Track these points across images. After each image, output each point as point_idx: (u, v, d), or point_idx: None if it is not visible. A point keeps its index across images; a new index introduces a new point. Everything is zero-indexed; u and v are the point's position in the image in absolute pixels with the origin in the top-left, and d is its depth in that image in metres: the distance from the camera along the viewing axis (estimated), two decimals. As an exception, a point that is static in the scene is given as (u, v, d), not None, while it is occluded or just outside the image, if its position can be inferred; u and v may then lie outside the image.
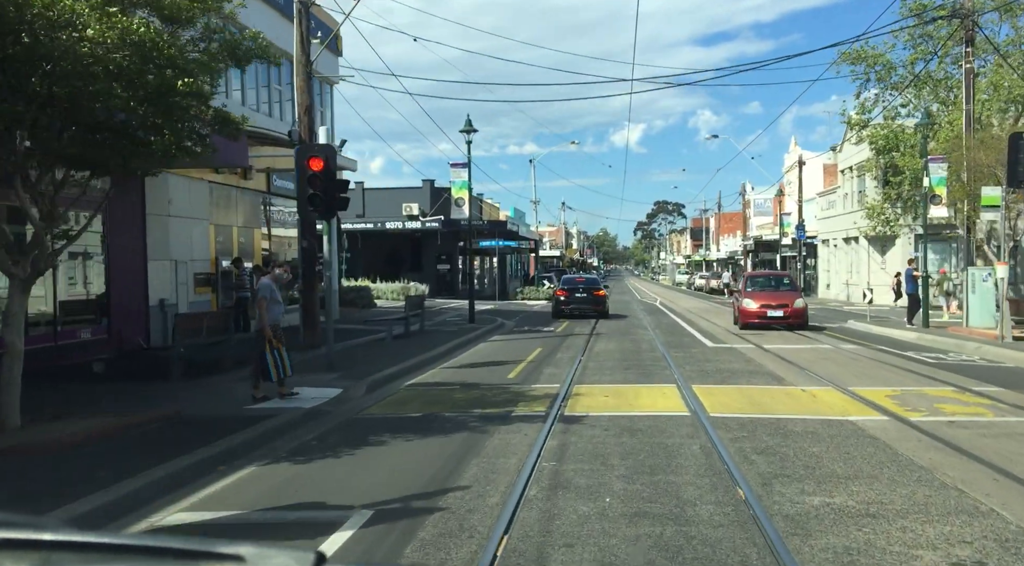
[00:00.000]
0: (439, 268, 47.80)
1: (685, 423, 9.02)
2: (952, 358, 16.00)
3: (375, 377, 12.67)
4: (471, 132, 26.31)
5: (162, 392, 11.21)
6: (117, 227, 15.87)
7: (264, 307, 10.65)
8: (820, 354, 16.66)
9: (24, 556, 0.92)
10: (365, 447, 7.97)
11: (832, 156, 53.11)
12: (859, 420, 9.16)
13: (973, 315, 22.69)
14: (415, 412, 9.99)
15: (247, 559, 0.91)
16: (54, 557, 0.92)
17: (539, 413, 9.70)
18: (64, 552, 0.93)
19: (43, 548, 0.93)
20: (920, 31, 35.55)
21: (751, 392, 11.41)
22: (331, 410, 10.06)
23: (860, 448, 7.73)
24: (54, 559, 0.92)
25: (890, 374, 13.43)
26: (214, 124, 9.92)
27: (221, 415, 9.45)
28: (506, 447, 7.85)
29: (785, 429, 8.64)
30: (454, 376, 13.60)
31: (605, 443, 7.98)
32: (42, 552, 0.93)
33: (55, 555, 0.92)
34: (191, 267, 18.54)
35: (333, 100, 28.67)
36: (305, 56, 17.37)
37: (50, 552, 0.93)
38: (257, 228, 22.46)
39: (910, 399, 10.67)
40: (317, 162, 12.90)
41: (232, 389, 11.53)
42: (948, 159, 24.63)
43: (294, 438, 8.57)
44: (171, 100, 8.19)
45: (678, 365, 14.75)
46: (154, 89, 8.04)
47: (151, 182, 17.10)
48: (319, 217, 13.56)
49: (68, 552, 0.93)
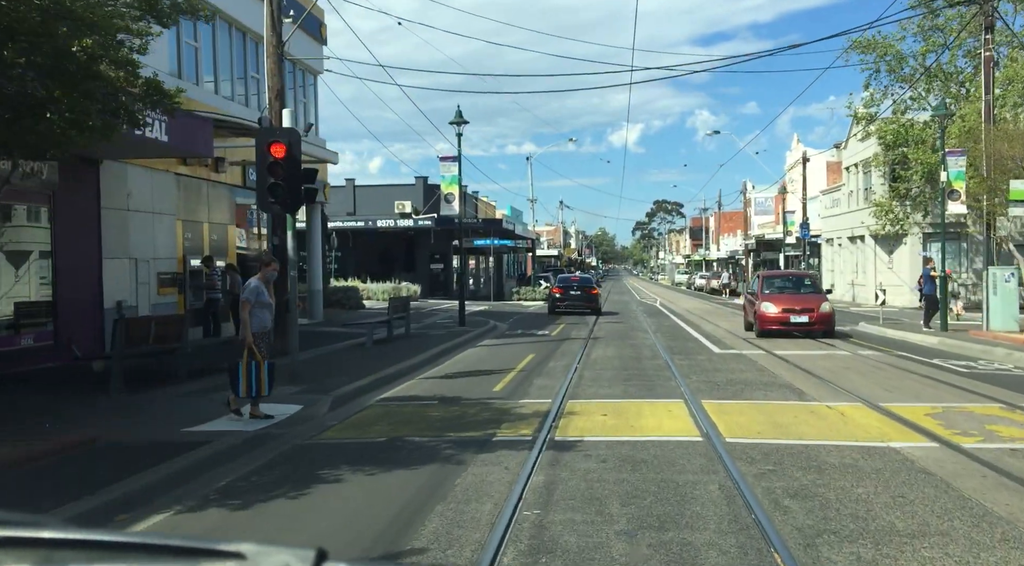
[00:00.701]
0: (432, 268, 46.32)
1: (698, 452, 7.59)
2: (984, 367, 14.57)
3: (343, 390, 11.22)
4: (461, 124, 24.84)
5: (95, 409, 9.76)
6: (66, 221, 14.41)
7: (248, 311, 9.18)
8: (838, 362, 15.22)
9: (25, 554, 0.92)
10: (311, 486, 6.50)
11: (836, 153, 51.70)
12: (903, 448, 7.73)
13: (994, 318, 21.30)
14: (380, 436, 8.54)
15: (248, 556, 0.91)
16: (55, 555, 0.92)
17: (525, 438, 8.26)
18: (65, 550, 0.92)
19: (44, 546, 0.92)
20: (931, 23, 34.21)
21: (770, 409, 9.97)
22: (282, 433, 8.61)
23: (915, 488, 6.29)
24: (55, 557, 0.92)
25: (922, 387, 12.00)
26: (145, 98, 8.47)
27: (152, 440, 8.02)
28: (481, 486, 6.41)
29: (818, 461, 7.21)
30: (433, 388, 12.16)
31: (602, 480, 6.55)
32: (43, 550, 0.92)
33: (56, 553, 0.92)
34: (154, 266, 17.07)
35: (317, 91, 27.19)
36: (276, 36, 15.91)
37: (51, 550, 0.92)
38: (231, 225, 20.99)
39: (955, 419, 9.24)
40: (279, 148, 11.45)
41: (178, 406, 10.09)
42: (968, 152, 23.23)
43: (230, 471, 7.13)
44: (67, 65, 6.71)
45: (684, 375, 13.32)
46: (50, 50, 6.59)
47: (108, 173, 15.67)
48: (281, 210, 12.08)
49: (69, 550, 0.92)
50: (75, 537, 0.93)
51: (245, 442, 8.07)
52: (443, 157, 25.51)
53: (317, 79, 27.09)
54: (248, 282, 9.69)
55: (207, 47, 19.90)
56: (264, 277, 9.60)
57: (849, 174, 43.12)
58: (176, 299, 18.02)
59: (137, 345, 11.49)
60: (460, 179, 25.14)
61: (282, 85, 16.12)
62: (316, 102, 27.04)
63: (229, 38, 21.01)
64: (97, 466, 6.98)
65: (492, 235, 46.39)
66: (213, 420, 9.13)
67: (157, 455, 7.26)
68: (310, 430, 8.90)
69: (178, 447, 7.62)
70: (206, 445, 7.70)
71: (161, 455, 7.27)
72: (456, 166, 25.11)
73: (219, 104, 19.42)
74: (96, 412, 9.56)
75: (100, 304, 15.39)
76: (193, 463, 7.04)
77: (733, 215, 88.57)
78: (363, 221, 43.84)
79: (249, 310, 9.22)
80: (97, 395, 10.62)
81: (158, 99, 8.53)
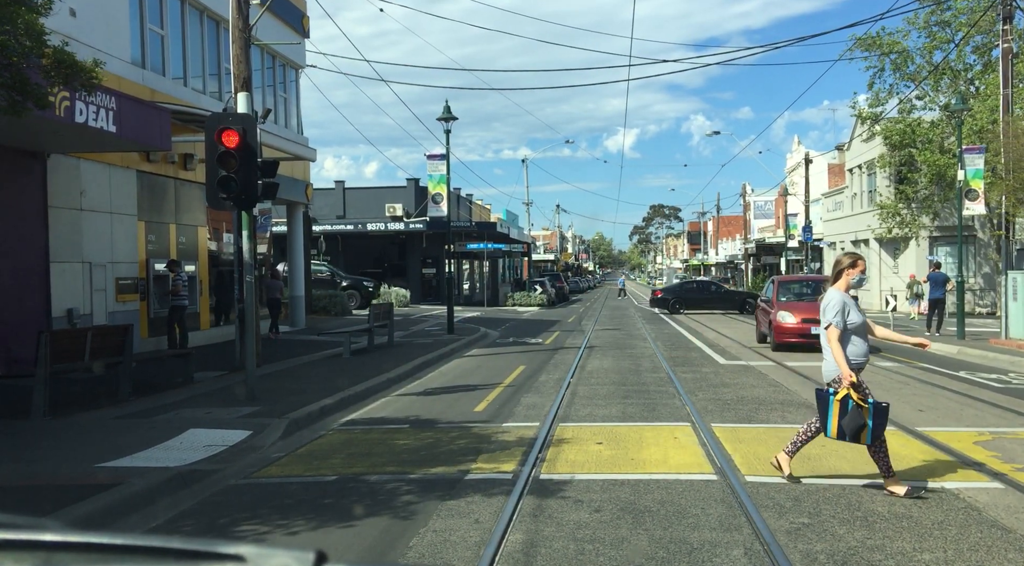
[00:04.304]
0: (424, 272, 44.92)
1: (713, 496, 6.22)
2: (1017, 380, 13.23)
3: (303, 412, 9.84)
4: (450, 120, 23.48)
5: (8, 436, 8.39)
6: (4, 221, 13.03)
7: (838, 338, 6.48)
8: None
9: (25, 556, 0.92)
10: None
11: (837, 156, 50.44)
12: (962, 490, 6.37)
13: (1014, 325, 20.02)
14: (330, 472, 7.15)
15: (248, 558, 0.92)
16: (55, 558, 0.92)
17: (504, 476, 6.89)
18: (65, 552, 0.93)
19: (44, 549, 0.93)
20: (937, 18, 33.00)
21: (792, 436, 8.58)
22: (216, 469, 7.22)
23: (996, 553, 4.94)
24: (55, 559, 0.92)
25: (959, 406, 10.65)
26: (53, 71, 7.10)
27: (52, 480, 6.64)
28: (442, 548, 5.05)
29: (863, 509, 5.85)
30: (407, 408, 10.78)
31: (596, 540, 5.18)
32: (43, 552, 0.93)
33: (55, 556, 0.92)
34: (111, 271, 15.68)
35: (299, 87, 25.81)
36: (243, 19, 14.55)
37: (51, 553, 0.93)
38: (201, 226, 19.61)
39: (1011, 449, 7.89)
40: (231, 136, 10.10)
41: (105, 433, 8.70)
42: (987, 149, 21.95)
43: (129, 526, 5.74)
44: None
45: (689, 391, 11.96)
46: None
47: (57, 168, 14.28)
48: (234, 207, 10.72)
49: (69, 553, 0.93)
50: (75, 539, 0.94)
51: (167, 482, 6.69)
52: (430, 155, 24.13)
53: (299, 74, 25.72)
54: (828, 295, 6.74)
55: (175, 36, 18.54)
56: (847, 285, 6.77)
57: (852, 176, 41.87)
58: (138, 306, 16.64)
59: (70, 360, 10.10)
60: (448, 179, 23.79)
61: (249, 73, 14.75)
62: (298, 98, 25.68)
63: (200, 27, 19.64)
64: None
65: (486, 239, 45.03)
66: (140, 451, 7.75)
67: (49, 501, 5.89)
68: (251, 464, 7.52)
69: (80, 490, 6.24)
70: (114, 488, 6.31)
71: (56, 501, 5.91)
72: (444, 165, 23.77)
73: (188, 97, 18.06)
74: (6, 441, 8.18)
75: (47, 312, 13.99)
76: (83, 515, 5.65)
77: (731, 219, 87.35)
78: (353, 224, 42.48)
79: (839, 336, 6.45)
80: (15, 420, 9.24)
81: (70, 74, 7.17)
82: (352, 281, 35.60)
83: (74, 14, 13.58)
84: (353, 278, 36.28)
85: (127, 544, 0.93)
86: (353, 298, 33.33)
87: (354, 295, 33.89)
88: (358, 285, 35.29)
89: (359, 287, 35.07)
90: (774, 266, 55.73)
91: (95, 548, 0.93)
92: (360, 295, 34.24)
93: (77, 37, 12.18)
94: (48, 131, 11.52)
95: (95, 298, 15.19)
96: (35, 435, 8.50)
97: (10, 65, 6.71)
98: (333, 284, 34.85)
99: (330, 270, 36.23)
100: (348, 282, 35.34)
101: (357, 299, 33.52)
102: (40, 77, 7.09)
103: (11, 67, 6.71)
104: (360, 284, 35.41)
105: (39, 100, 7.03)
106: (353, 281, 35.64)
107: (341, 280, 35.49)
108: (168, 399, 10.99)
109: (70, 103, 10.34)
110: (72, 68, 7.16)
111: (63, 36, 8.21)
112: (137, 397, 10.99)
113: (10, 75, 6.71)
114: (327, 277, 35.34)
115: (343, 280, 35.55)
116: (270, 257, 25.77)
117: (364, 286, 35.30)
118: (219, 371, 13.93)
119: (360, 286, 35.20)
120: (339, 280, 35.45)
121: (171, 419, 9.49)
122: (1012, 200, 21.23)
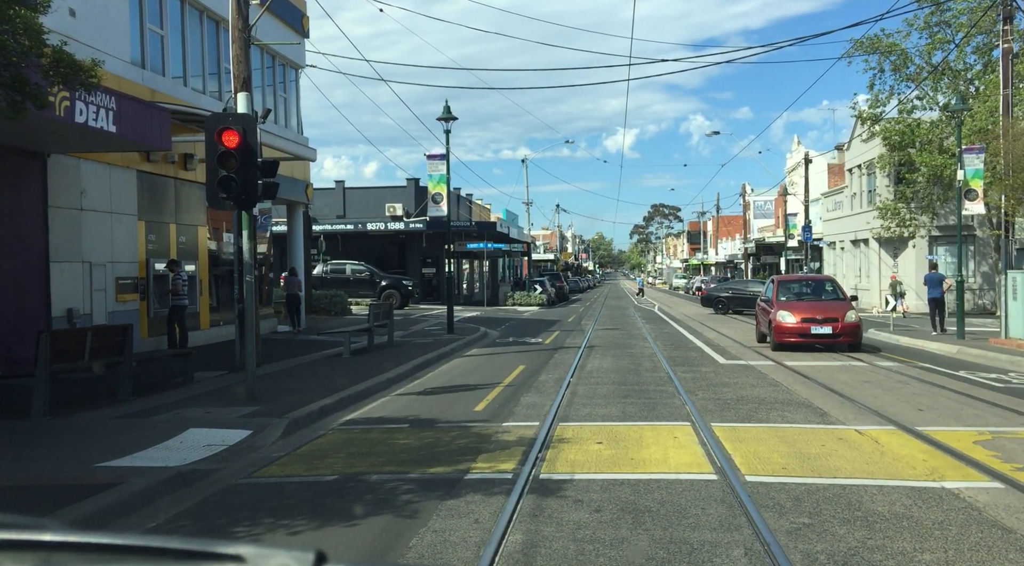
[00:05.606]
0: (424, 272, 44.88)
1: (713, 496, 6.22)
2: (1017, 380, 13.24)
3: (303, 411, 9.84)
4: (450, 120, 23.49)
5: (8, 436, 8.39)
6: (5, 220, 13.03)
7: None
8: (857, 374, 13.87)
9: (25, 557, 0.92)
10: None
11: (837, 155, 50.44)
12: (962, 489, 6.38)
13: (1014, 324, 19.99)
14: (330, 472, 7.16)
15: (247, 559, 0.91)
16: (55, 558, 0.92)
17: (504, 475, 6.89)
18: (64, 553, 0.93)
19: (44, 549, 0.93)
20: (937, 19, 33.00)
21: (792, 436, 8.60)
22: (216, 469, 7.22)
23: (997, 553, 4.94)
24: (54, 560, 0.92)
25: (959, 406, 10.65)
26: (52, 71, 7.10)
27: (53, 479, 6.65)
28: (442, 549, 5.05)
29: (863, 509, 5.85)
30: (407, 408, 10.78)
31: (596, 540, 5.18)
32: (42, 553, 0.93)
33: (55, 556, 0.92)
34: (112, 270, 15.67)
35: (299, 87, 25.80)
36: (242, 19, 14.56)
37: (50, 553, 0.93)
38: (202, 226, 19.60)
39: (1011, 448, 7.89)
40: (231, 136, 10.10)
41: (106, 432, 8.70)
42: (987, 149, 21.95)
43: (127, 526, 5.74)
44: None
45: (688, 391, 11.96)
46: None
47: (56, 168, 14.28)
48: (234, 207, 10.72)
49: (69, 553, 0.93)
50: (75, 539, 0.93)
51: (167, 482, 6.69)
52: (430, 155, 24.13)
53: (299, 74, 25.71)
54: None
55: (175, 36, 18.53)
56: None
57: (852, 176, 41.87)
58: (138, 306, 16.64)
59: (70, 360, 10.10)
60: (448, 178, 23.79)
61: (249, 73, 14.76)
62: (298, 98, 25.67)
63: (200, 27, 19.63)
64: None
65: (486, 239, 45.02)
66: (141, 450, 7.75)
67: (49, 501, 5.90)
68: (251, 464, 7.52)
69: (80, 490, 6.25)
70: (114, 488, 6.31)
71: (56, 501, 5.91)
72: (444, 165, 23.77)
73: (188, 97, 18.05)
74: (5, 441, 8.18)
75: (47, 312, 13.99)
76: (83, 515, 5.65)
77: (731, 219, 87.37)
78: (353, 224, 42.48)
79: None
80: (15, 420, 9.24)
81: (69, 74, 7.17)
82: (391, 280, 35.76)
83: (73, 14, 13.58)
84: (392, 277, 36.49)
85: (127, 544, 0.93)
86: (393, 297, 33.34)
87: (394, 294, 33.96)
88: (397, 284, 35.43)
89: (399, 286, 35.19)
90: (774, 266, 55.74)
91: (95, 548, 0.93)
92: (400, 294, 34.38)
93: (76, 37, 12.18)
94: (48, 131, 11.52)
95: (95, 298, 15.19)
96: (35, 435, 8.50)
97: (9, 65, 6.71)
98: (372, 284, 34.96)
99: (368, 270, 36.38)
100: (387, 282, 35.46)
101: (397, 298, 33.58)
102: (39, 77, 7.10)
103: (10, 67, 6.71)
104: (399, 283, 35.56)
105: (38, 100, 7.03)
106: (392, 280, 35.81)
107: (380, 280, 35.58)
108: (168, 399, 10.99)
109: (70, 103, 10.34)
110: (71, 68, 7.16)
111: (62, 36, 8.21)
112: (137, 397, 10.99)
113: (9, 75, 6.71)
114: (366, 277, 35.48)
115: (382, 280, 35.65)
116: (270, 257, 25.77)
117: (404, 285, 35.46)
118: (219, 371, 13.94)
119: (400, 285, 35.36)
120: (378, 280, 35.57)
121: (171, 419, 9.49)
122: (1012, 200, 21.23)
